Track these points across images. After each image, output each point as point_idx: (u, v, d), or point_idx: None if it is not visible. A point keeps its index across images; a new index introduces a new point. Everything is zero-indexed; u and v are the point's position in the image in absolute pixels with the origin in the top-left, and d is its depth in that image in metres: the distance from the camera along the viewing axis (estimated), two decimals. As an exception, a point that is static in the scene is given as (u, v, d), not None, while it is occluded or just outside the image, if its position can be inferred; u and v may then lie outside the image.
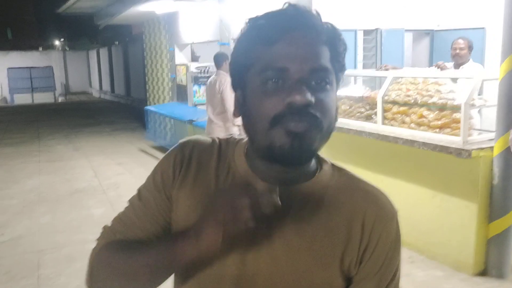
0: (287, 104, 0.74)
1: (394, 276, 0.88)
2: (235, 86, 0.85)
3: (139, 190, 0.93)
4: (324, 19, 0.81)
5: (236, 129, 5.16)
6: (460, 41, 4.86)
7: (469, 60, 4.87)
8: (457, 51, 4.83)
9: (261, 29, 0.78)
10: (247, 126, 0.82)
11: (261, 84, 0.77)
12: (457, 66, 4.90)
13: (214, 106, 5.31)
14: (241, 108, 0.83)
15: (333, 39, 0.80)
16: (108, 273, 0.88)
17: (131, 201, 0.94)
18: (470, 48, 4.85)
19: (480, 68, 4.91)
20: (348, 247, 0.83)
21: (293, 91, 0.74)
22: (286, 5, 0.79)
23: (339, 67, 0.81)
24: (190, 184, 0.87)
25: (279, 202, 0.74)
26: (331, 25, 0.81)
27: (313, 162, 0.87)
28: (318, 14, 0.80)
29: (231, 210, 0.72)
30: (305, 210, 0.83)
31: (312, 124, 0.75)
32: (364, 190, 0.87)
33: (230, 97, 5.08)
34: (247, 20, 0.81)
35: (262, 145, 0.78)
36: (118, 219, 0.94)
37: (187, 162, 0.88)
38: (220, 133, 5.24)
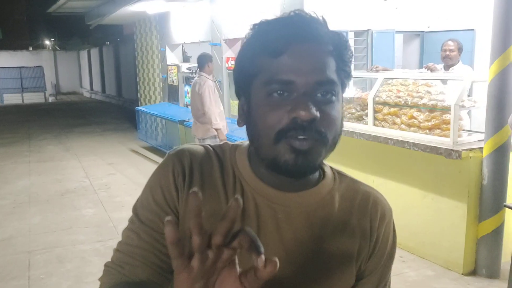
0: (292, 119, 0.74)
1: (390, 272, 0.94)
2: (238, 93, 0.84)
3: (137, 214, 0.85)
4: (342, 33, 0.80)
5: (214, 132, 5.20)
6: (450, 43, 4.90)
7: (458, 61, 4.91)
8: (447, 52, 4.87)
9: (267, 39, 0.77)
10: (252, 137, 0.81)
11: (266, 95, 0.76)
12: (447, 67, 4.94)
13: (195, 107, 5.34)
14: (245, 117, 0.83)
15: (339, 49, 0.79)
16: None
17: (130, 228, 0.86)
18: (460, 50, 4.90)
19: (469, 70, 4.95)
20: (362, 244, 0.87)
21: (298, 106, 0.74)
22: (292, 13, 0.78)
23: (345, 75, 0.81)
24: None
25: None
26: (338, 33, 0.80)
27: None
28: (324, 21, 0.79)
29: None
30: (317, 215, 0.84)
31: (317, 140, 0.75)
32: (364, 191, 0.90)
33: (208, 99, 5.11)
34: (251, 26, 0.80)
35: (267, 157, 0.78)
36: (121, 251, 0.85)
37: (189, 172, 0.84)
38: (202, 134, 5.29)
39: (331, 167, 0.92)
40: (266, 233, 0.81)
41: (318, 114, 0.74)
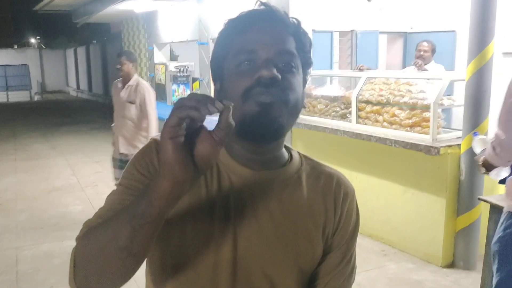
0: (256, 78, 0.83)
1: (355, 248, 1.02)
2: (215, 78, 0.94)
3: (120, 184, 0.91)
4: (301, 21, 0.92)
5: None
6: (425, 43, 5.17)
7: (431, 61, 5.19)
8: (421, 53, 5.14)
9: (236, 23, 0.89)
10: None
11: (235, 67, 0.87)
12: (419, 66, 5.16)
13: None
14: (219, 95, 0.91)
15: (298, 31, 0.90)
16: (90, 255, 0.79)
17: (112, 193, 0.91)
18: (433, 50, 5.20)
19: (442, 68, 5.19)
20: (327, 219, 0.95)
21: (261, 68, 0.84)
22: (258, 3, 0.90)
23: (305, 58, 0.91)
24: None
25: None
26: (297, 20, 0.91)
27: (284, 151, 0.97)
28: (285, 13, 0.91)
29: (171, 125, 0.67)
30: (286, 192, 0.93)
31: (279, 96, 0.84)
32: (328, 173, 0.99)
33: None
34: (225, 21, 0.92)
35: (236, 120, 0.83)
36: (101, 209, 0.89)
37: None
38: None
39: (298, 152, 1.01)
40: (242, 208, 0.90)
41: (279, 75, 0.84)
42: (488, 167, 2.36)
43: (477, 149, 2.54)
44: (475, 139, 2.60)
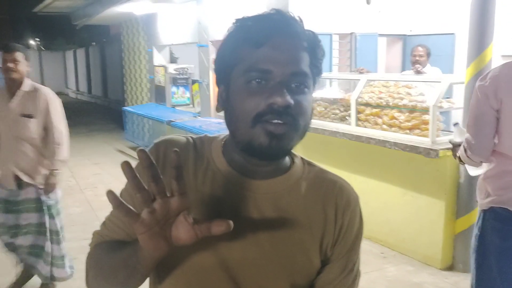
0: (269, 104, 0.80)
1: (358, 256, 0.99)
2: (219, 81, 0.90)
3: (121, 194, 0.96)
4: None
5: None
6: (420, 48, 5.22)
7: (427, 65, 5.25)
8: (417, 58, 5.20)
9: (248, 32, 0.83)
10: (230, 121, 0.86)
11: (245, 83, 0.82)
12: (416, 71, 5.20)
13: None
14: (223, 103, 0.88)
15: (313, 46, 0.86)
16: (97, 273, 0.91)
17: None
18: (428, 54, 5.24)
19: (438, 71, 5.22)
20: (326, 231, 0.92)
21: (275, 93, 0.80)
22: (273, 11, 0.85)
23: (316, 72, 0.88)
24: None
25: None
26: (312, 32, 0.88)
27: (286, 158, 0.95)
28: (301, 20, 0.87)
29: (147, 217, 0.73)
30: (284, 201, 0.90)
31: (290, 125, 0.82)
32: (331, 180, 0.96)
33: None
34: (234, 21, 0.87)
35: (243, 140, 0.84)
36: (104, 224, 0.98)
37: (162, 161, 0.90)
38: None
39: (301, 157, 0.98)
40: (237, 218, 0.85)
41: (292, 101, 0.81)
42: (462, 161, 2.55)
43: (457, 139, 2.63)
44: (456, 129, 2.69)
